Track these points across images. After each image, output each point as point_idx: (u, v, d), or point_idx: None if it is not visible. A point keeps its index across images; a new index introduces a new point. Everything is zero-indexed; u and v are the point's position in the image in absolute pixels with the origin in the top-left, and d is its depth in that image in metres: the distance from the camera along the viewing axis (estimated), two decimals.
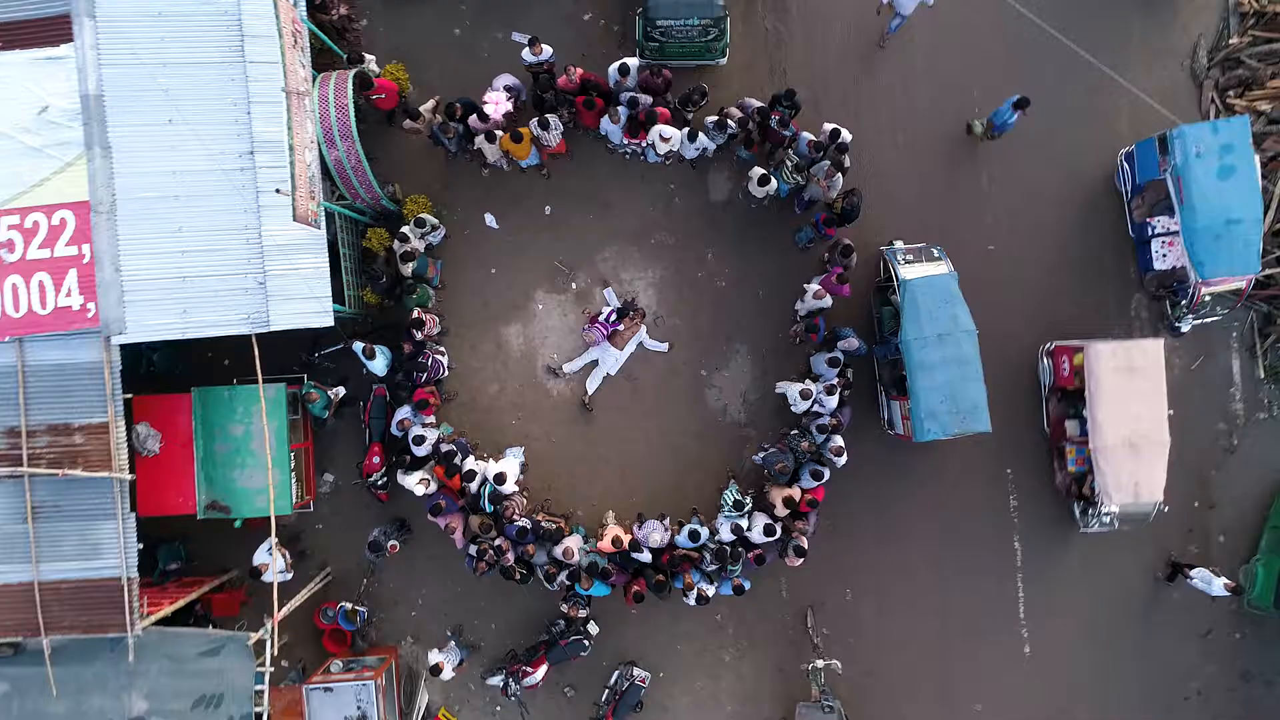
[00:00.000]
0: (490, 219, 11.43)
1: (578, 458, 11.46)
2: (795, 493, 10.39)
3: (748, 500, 10.53)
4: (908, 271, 10.38)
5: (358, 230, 10.97)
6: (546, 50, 10.24)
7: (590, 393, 11.38)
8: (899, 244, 11.15)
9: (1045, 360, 11.46)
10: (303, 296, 9.53)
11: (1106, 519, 11.01)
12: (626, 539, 10.26)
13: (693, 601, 10.32)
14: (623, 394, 11.50)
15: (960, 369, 10.07)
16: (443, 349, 11.06)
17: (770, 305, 11.58)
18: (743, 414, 11.60)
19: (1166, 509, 11.06)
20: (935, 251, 10.72)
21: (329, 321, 9.59)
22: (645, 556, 10.21)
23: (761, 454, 11.03)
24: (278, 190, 8.65)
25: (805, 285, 10.85)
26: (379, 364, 10.13)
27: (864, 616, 11.67)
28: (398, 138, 11.29)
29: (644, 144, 10.67)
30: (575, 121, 10.85)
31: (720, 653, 11.63)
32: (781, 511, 10.42)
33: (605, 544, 10.27)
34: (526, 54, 10.25)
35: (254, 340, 9.52)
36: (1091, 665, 11.77)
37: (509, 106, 10.31)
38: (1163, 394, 10.51)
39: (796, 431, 10.78)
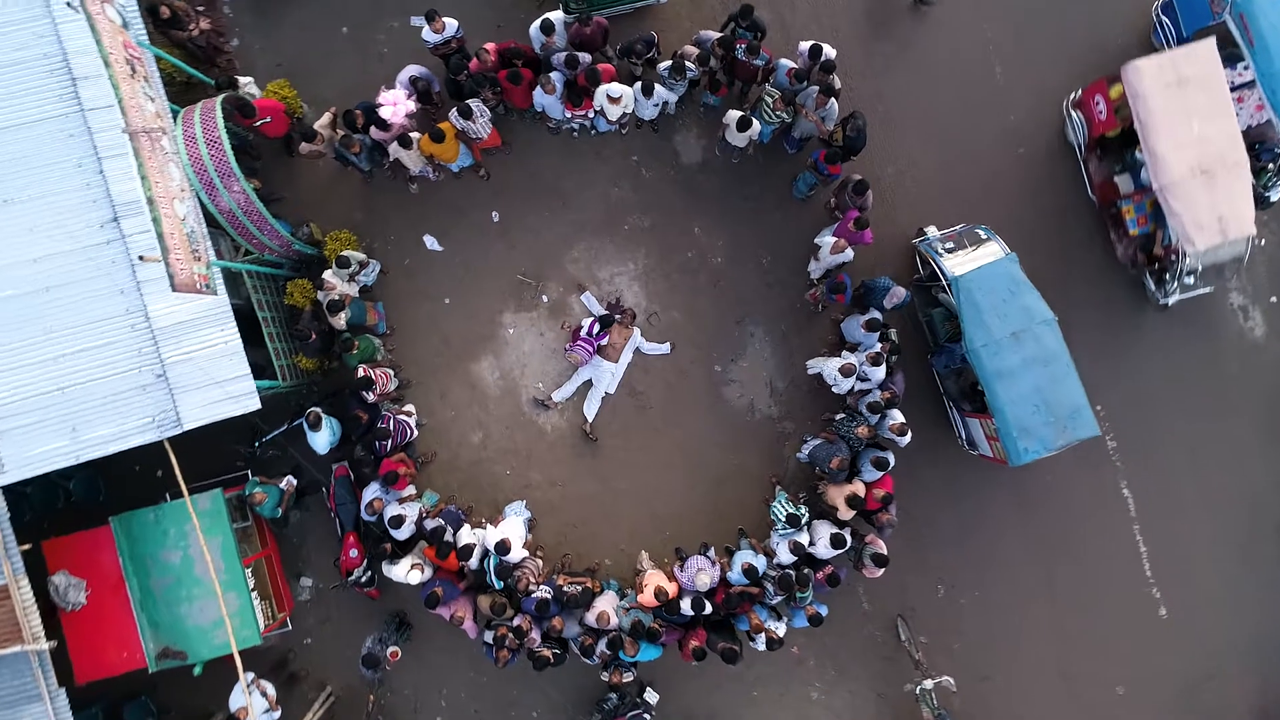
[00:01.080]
0: (430, 241, 9.58)
1: (591, 499, 9.60)
2: (858, 489, 8.53)
3: (803, 510, 8.66)
4: (954, 264, 8.53)
5: (277, 287, 9.12)
6: (450, 24, 8.37)
7: (590, 419, 9.52)
8: (932, 231, 9.33)
9: (1073, 114, 9.57)
10: (215, 382, 7.73)
11: (1189, 278, 9.07)
12: (671, 588, 8.41)
13: (762, 646, 8.47)
14: (628, 413, 9.64)
15: (1047, 368, 8.24)
16: (408, 406, 9.23)
17: (780, 273, 9.70)
18: (774, 407, 9.73)
19: (1262, 242, 9.48)
20: (981, 232, 8.87)
21: (254, 404, 7.81)
22: (706, 609, 8.36)
23: (807, 449, 9.19)
24: (141, 258, 6.82)
25: (817, 240, 8.99)
26: (321, 438, 8.28)
27: (964, 613, 9.81)
28: (302, 167, 9.45)
29: (590, 113, 8.81)
30: (504, 104, 8.99)
31: (805, 691, 9.78)
32: (846, 514, 8.56)
33: (647, 597, 8.42)
34: (427, 33, 8.38)
35: (169, 447, 7.74)
36: (1240, 615, 9.88)
37: (411, 105, 8.43)
38: (1227, 103, 8.39)
39: (844, 415, 8.91)
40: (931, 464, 9.64)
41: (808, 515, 8.68)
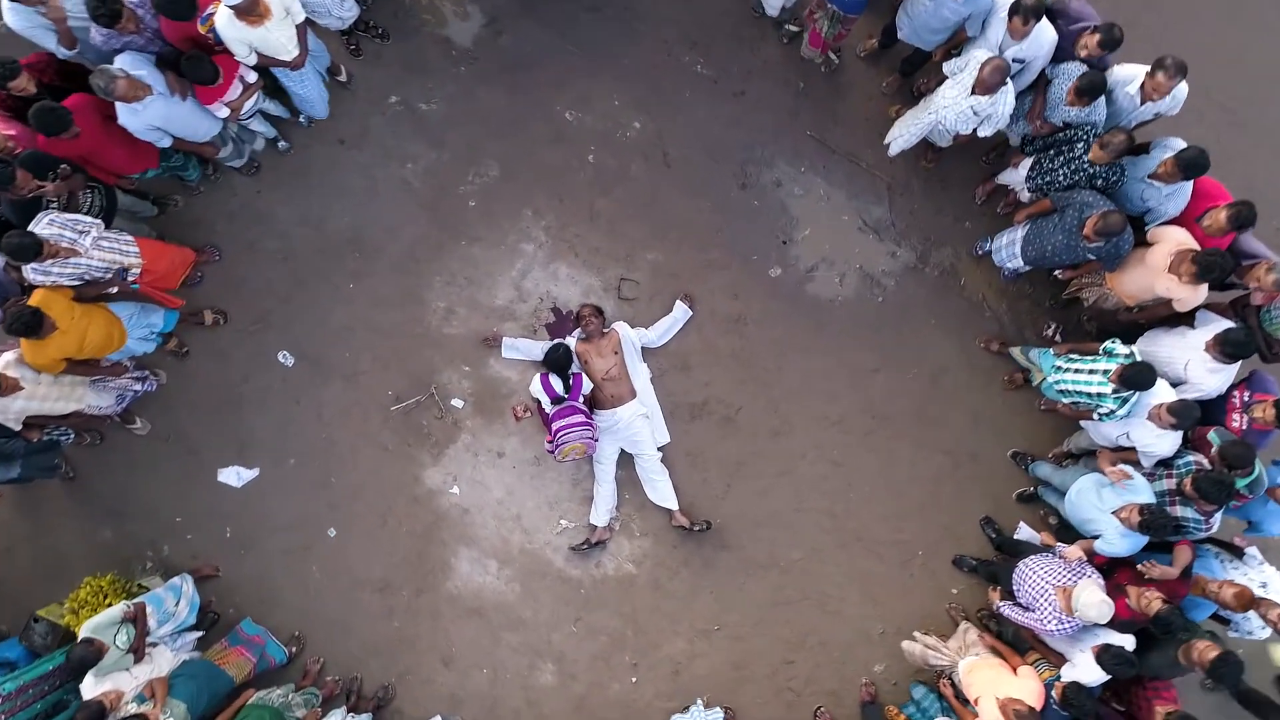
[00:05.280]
0: (231, 474, 5.19)
1: (774, 607, 5.18)
2: (1179, 239, 4.09)
3: (1116, 349, 4.22)
4: None
5: None
6: None
7: (674, 504, 5.10)
8: None
9: None
10: None
11: None
12: (1031, 690, 4.01)
13: (1262, 631, 4.09)
14: (713, 441, 5.24)
15: None
16: None
17: (733, 64, 5.29)
18: (900, 249, 5.30)
19: None
20: None
21: None
22: (1129, 648, 3.96)
23: (1011, 257, 4.80)
24: None
25: None
26: None
27: None
28: None
29: (250, 77, 4.40)
30: (117, 189, 4.55)
31: None
32: (1191, 293, 4.11)
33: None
34: None
35: None
36: None
37: None
38: None
39: (1035, 155, 4.48)
40: None
41: (1130, 350, 4.23)
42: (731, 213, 5.25)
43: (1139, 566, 4.07)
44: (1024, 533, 4.92)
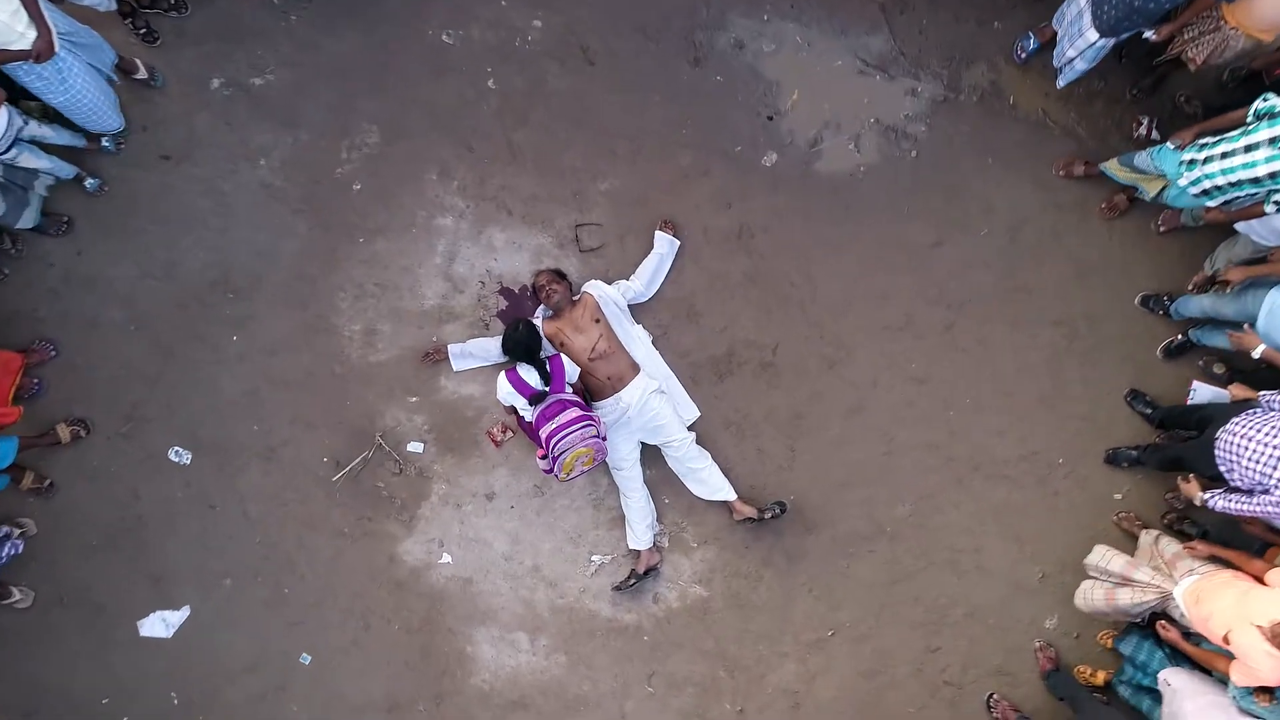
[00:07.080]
0: (158, 622, 3.93)
1: (890, 587, 3.93)
2: None
3: (1255, 118, 2.93)
4: None
5: None
6: None
7: (729, 494, 3.82)
8: None
9: None
10: None
11: None
12: None
13: None
14: (756, 395, 3.97)
15: None
16: None
17: None
18: (924, 83, 3.98)
19: None
20: None
21: None
22: None
23: (1079, 37, 3.46)
24: None
25: None
26: None
27: None
28: None
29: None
30: None
31: None
32: None
33: (1261, 667, 2.77)
34: None
35: None
36: None
37: None
38: None
39: None
40: None
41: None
42: (691, 100, 3.95)
43: None
44: (1202, 394, 3.64)
